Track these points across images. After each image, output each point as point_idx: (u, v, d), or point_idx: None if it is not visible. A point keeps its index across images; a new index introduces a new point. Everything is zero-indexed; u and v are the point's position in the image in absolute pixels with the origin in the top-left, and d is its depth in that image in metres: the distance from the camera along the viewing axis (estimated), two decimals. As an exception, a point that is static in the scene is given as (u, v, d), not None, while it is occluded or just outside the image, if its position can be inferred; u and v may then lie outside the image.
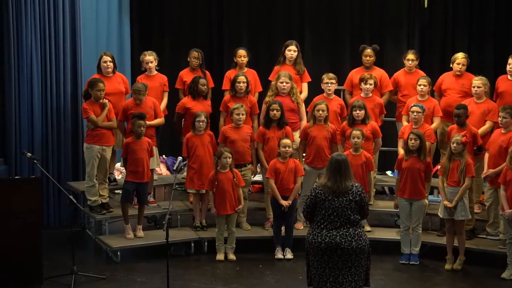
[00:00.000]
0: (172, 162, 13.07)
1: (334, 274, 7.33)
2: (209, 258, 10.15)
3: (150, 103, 10.66)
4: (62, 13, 11.27)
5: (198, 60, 11.34)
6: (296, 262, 9.84)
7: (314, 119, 10.46)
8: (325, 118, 10.43)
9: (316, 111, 10.40)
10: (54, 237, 10.54)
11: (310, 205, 7.47)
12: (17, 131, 11.00)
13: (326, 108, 10.42)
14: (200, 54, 11.36)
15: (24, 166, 11.00)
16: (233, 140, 10.41)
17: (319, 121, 10.42)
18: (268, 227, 10.58)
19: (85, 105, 10.33)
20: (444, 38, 13.70)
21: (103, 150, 10.41)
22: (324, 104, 10.44)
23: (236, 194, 10.04)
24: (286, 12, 14.03)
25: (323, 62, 13.67)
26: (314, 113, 10.44)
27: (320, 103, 10.46)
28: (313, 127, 10.44)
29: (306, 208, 7.53)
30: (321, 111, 10.38)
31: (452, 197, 9.61)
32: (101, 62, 10.75)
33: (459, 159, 9.62)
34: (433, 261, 9.98)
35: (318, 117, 10.40)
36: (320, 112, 10.38)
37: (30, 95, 11.06)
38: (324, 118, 10.41)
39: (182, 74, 11.42)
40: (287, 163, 10.04)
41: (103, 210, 10.55)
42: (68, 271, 9.07)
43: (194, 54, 11.35)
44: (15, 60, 10.89)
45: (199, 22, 14.04)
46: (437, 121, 10.75)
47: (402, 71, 11.43)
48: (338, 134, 10.67)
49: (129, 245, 10.15)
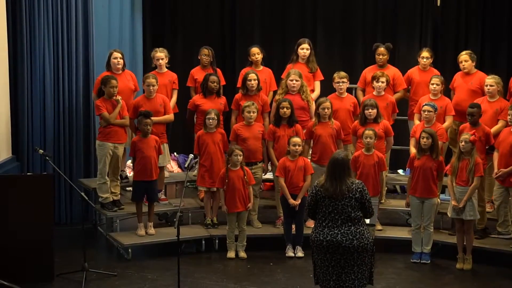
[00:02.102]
0: (183, 159, 13.08)
1: (337, 272, 7.32)
2: (220, 255, 10.16)
3: (160, 100, 10.69)
4: (75, 11, 11.30)
5: (209, 57, 11.33)
6: (307, 260, 9.78)
7: (318, 117, 10.45)
8: (329, 116, 10.41)
9: (321, 109, 10.38)
10: (66, 234, 10.60)
11: (311, 203, 7.47)
12: (29, 128, 11.04)
13: (330, 105, 10.40)
14: (210, 52, 11.35)
15: (36, 163, 11.04)
16: (244, 138, 10.41)
17: (323, 118, 10.41)
18: (279, 225, 10.58)
19: (98, 102, 10.35)
20: (457, 37, 13.66)
21: (115, 147, 10.43)
22: (328, 101, 10.43)
23: (247, 192, 10.05)
24: (299, 10, 14.03)
25: (336, 61, 13.67)
26: (319, 111, 10.41)
27: (324, 101, 10.45)
28: (318, 125, 10.43)
29: (308, 206, 7.53)
30: (326, 109, 10.36)
31: (461, 197, 9.58)
32: (111, 59, 10.76)
33: (468, 158, 9.59)
34: (444, 260, 9.95)
35: (323, 115, 10.39)
36: (326, 110, 10.36)
37: (43, 92, 11.10)
38: (328, 116, 10.40)
39: (193, 72, 11.43)
40: (297, 161, 10.04)
41: (115, 207, 10.57)
42: (79, 268, 9.08)
43: (205, 52, 11.35)
44: (27, 57, 10.93)
45: (211, 20, 14.07)
46: (449, 120, 10.71)
47: (416, 69, 11.39)
48: (349, 134, 10.66)
49: (140, 242, 10.17)
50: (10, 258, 8.82)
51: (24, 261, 8.85)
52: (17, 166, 10.88)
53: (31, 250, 8.85)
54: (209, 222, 10.61)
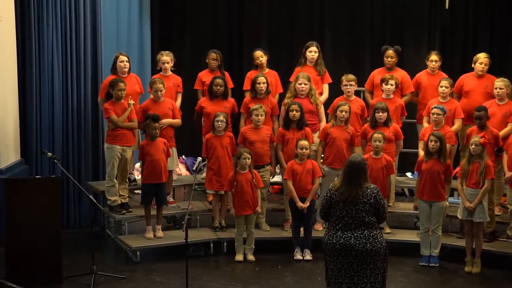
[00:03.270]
0: (191, 162, 13.09)
1: (350, 275, 7.33)
2: (228, 258, 10.16)
3: (169, 104, 10.70)
4: (83, 14, 11.33)
5: (217, 61, 11.33)
6: (315, 263, 9.82)
7: (335, 119, 10.44)
8: (346, 120, 10.41)
9: (339, 111, 10.36)
10: (74, 237, 10.60)
11: (325, 205, 7.47)
12: (38, 131, 11.07)
13: (349, 109, 10.39)
14: (218, 56, 11.35)
15: (44, 165, 11.07)
16: (252, 141, 10.41)
17: (340, 122, 10.40)
18: (287, 228, 10.57)
19: (107, 105, 10.36)
20: (465, 40, 13.66)
21: (123, 150, 10.43)
22: (348, 105, 10.41)
23: (255, 195, 10.04)
24: (307, 13, 14.03)
25: (344, 64, 13.67)
26: (337, 114, 10.40)
27: (343, 104, 10.42)
28: (334, 128, 10.42)
29: (322, 209, 7.54)
30: (344, 112, 10.35)
31: (471, 199, 9.56)
32: (117, 62, 10.76)
33: (478, 161, 9.57)
34: (452, 263, 9.94)
35: (340, 118, 10.37)
36: (344, 113, 10.34)
37: (51, 95, 11.13)
38: (345, 120, 10.39)
39: (201, 75, 11.43)
40: (305, 164, 10.03)
41: (123, 210, 10.57)
42: (87, 270, 9.10)
43: (213, 56, 11.35)
44: (36, 60, 10.96)
45: (219, 23, 14.08)
46: (458, 123, 10.69)
47: (424, 72, 11.37)
48: (357, 136, 10.66)
49: (149, 245, 10.17)
50: (19, 261, 8.85)
51: (32, 264, 8.87)
52: (25, 169, 10.91)
53: (39, 253, 8.86)
54: (217, 225, 10.61)
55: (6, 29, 10.48)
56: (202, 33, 13.99)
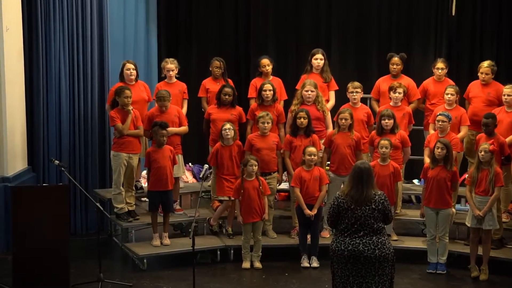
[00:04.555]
0: (198, 170, 13.11)
1: (358, 282, 7.32)
2: (235, 266, 10.16)
3: (175, 111, 10.72)
4: (90, 22, 11.37)
5: (220, 69, 11.31)
6: (322, 270, 9.81)
7: (338, 127, 10.45)
8: (349, 126, 10.41)
9: (340, 119, 10.39)
10: (81, 244, 10.64)
11: (333, 213, 7.46)
12: (45, 139, 11.10)
13: (350, 116, 10.39)
14: (222, 63, 11.33)
15: (51, 173, 11.09)
16: (259, 148, 10.41)
17: (343, 129, 10.40)
18: (294, 235, 10.57)
19: (112, 113, 10.38)
20: (472, 47, 13.66)
21: (129, 157, 10.45)
22: (348, 112, 10.42)
23: (262, 202, 10.04)
24: (313, 20, 14.04)
25: (350, 71, 13.67)
26: (338, 121, 10.42)
27: (344, 111, 10.44)
28: (337, 135, 10.43)
29: (330, 217, 7.53)
30: (344, 119, 10.36)
31: (480, 206, 9.55)
32: (124, 70, 10.79)
33: (487, 168, 9.55)
34: (460, 271, 9.91)
35: (341, 125, 10.38)
36: (344, 120, 10.36)
37: (58, 103, 11.16)
38: (348, 126, 10.40)
39: (205, 83, 11.42)
40: (312, 171, 10.03)
41: (130, 218, 10.58)
42: (94, 278, 9.10)
43: (216, 64, 11.33)
44: (43, 69, 11.00)
45: (226, 31, 14.10)
46: (464, 130, 10.68)
47: (431, 80, 11.36)
48: (365, 142, 10.66)
49: (156, 252, 10.18)
50: (26, 268, 8.83)
51: (39, 272, 8.85)
52: (33, 177, 10.94)
53: (47, 260, 8.84)
54: (215, 229, 10.67)
55: (13, 38, 10.52)
56: (208, 40, 14.01)
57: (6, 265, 9.41)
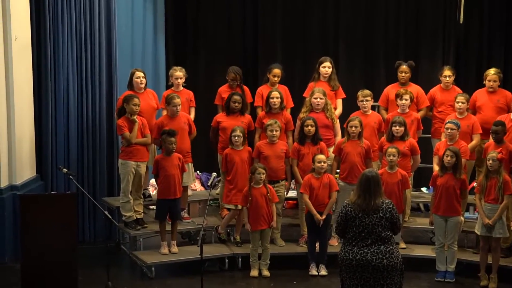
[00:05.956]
0: (206, 178, 13.10)
1: (366, 291, 7.31)
2: (243, 274, 10.14)
3: (185, 119, 10.72)
4: (98, 31, 11.39)
5: (236, 81, 11.25)
6: (330, 278, 9.79)
7: (348, 135, 10.44)
8: (358, 134, 10.40)
9: (349, 127, 10.38)
10: (89, 252, 10.63)
11: (341, 222, 7.46)
12: (53, 147, 11.12)
13: (360, 124, 10.39)
14: (237, 75, 11.23)
15: (60, 181, 11.10)
16: (267, 156, 10.41)
17: (352, 137, 10.40)
18: (303, 243, 10.55)
19: (120, 122, 10.37)
20: (479, 54, 13.63)
21: (137, 166, 10.44)
22: (358, 120, 10.42)
23: (270, 210, 10.03)
24: (321, 29, 14.03)
25: (358, 79, 13.65)
26: (348, 129, 10.42)
27: (353, 119, 10.44)
28: (347, 143, 10.42)
29: (338, 226, 7.53)
30: (353, 127, 10.35)
31: (490, 214, 9.52)
32: (133, 78, 10.79)
33: (496, 177, 9.53)
34: (468, 279, 9.88)
35: (351, 133, 10.38)
36: (354, 128, 10.35)
37: (66, 112, 11.18)
38: (357, 134, 10.39)
39: (220, 91, 11.37)
40: (322, 178, 10.02)
41: (138, 226, 10.57)
42: (103, 286, 9.11)
43: (231, 76, 11.23)
44: (51, 76, 11.02)
45: (234, 39, 14.10)
46: (476, 139, 10.62)
47: (438, 88, 11.35)
48: (375, 150, 10.66)
49: (164, 260, 10.17)
50: (34, 276, 8.84)
51: (48, 280, 8.86)
52: (41, 185, 10.96)
53: (55, 269, 8.85)
54: (223, 237, 10.67)
55: (21, 47, 10.55)
56: (216, 48, 14.01)
57: (15, 273, 9.41)
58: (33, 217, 8.88)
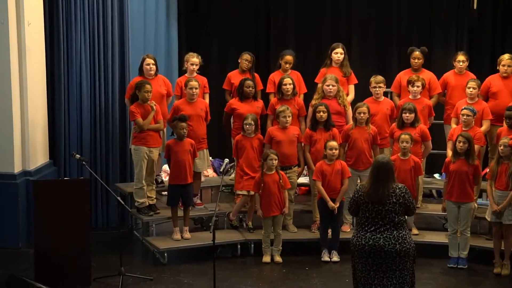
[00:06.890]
0: (219, 164, 13.11)
1: (379, 276, 7.30)
2: (256, 260, 10.16)
3: (202, 105, 10.71)
4: (111, 17, 11.38)
5: (250, 63, 11.30)
6: (343, 265, 9.79)
7: (355, 121, 10.42)
8: (366, 120, 10.38)
9: (358, 113, 10.35)
10: (102, 239, 10.68)
11: (353, 204, 7.50)
12: (66, 133, 11.15)
13: (368, 110, 10.36)
14: (252, 58, 11.31)
15: (73, 167, 11.13)
16: (279, 141, 10.39)
17: (360, 123, 10.37)
18: (315, 229, 10.55)
19: (132, 108, 10.36)
20: (493, 40, 13.55)
21: (150, 151, 10.43)
22: (365, 106, 10.39)
23: (282, 196, 10.03)
24: (334, 15, 14.00)
25: (370, 65, 13.61)
26: (356, 116, 10.39)
27: (361, 105, 10.41)
28: (354, 129, 10.40)
29: (350, 207, 7.56)
30: (362, 113, 10.33)
31: (500, 201, 9.49)
32: (143, 65, 10.75)
33: (507, 163, 9.49)
34: (481, 265, 9.87)
35: (359, 120, 10.35)
36: (362, 114, 10.32)
37: (79, 98, 11.20)
38: (365, 120, 10.37)
39: (230, 76, 11.40)
40: (334, 165, 10.01)
41: (151, 212, 10.59)
42: (115, 272, 9.15)
43: (247, 57, 11.28)
44: (64, 63, 11.04)
45: (246, 25, 14.09)
46: (486, 124, 10.59)
47: (451, 72, 11.29)
48: (386, 138, 10.62)
49: (176, 246, 10.20)
50: (47, 262, 8.91)
51: (61, 266, 8.92)
52: (54, 171, 11.01)
53: (68, 254, 8.91)
54: (235, 223, 10.71)
55: (35, 33, 10.57)
56: (229, 35, 14.01)
57: (28, 259, 9.46)
58: (46, 202, 8.94)
